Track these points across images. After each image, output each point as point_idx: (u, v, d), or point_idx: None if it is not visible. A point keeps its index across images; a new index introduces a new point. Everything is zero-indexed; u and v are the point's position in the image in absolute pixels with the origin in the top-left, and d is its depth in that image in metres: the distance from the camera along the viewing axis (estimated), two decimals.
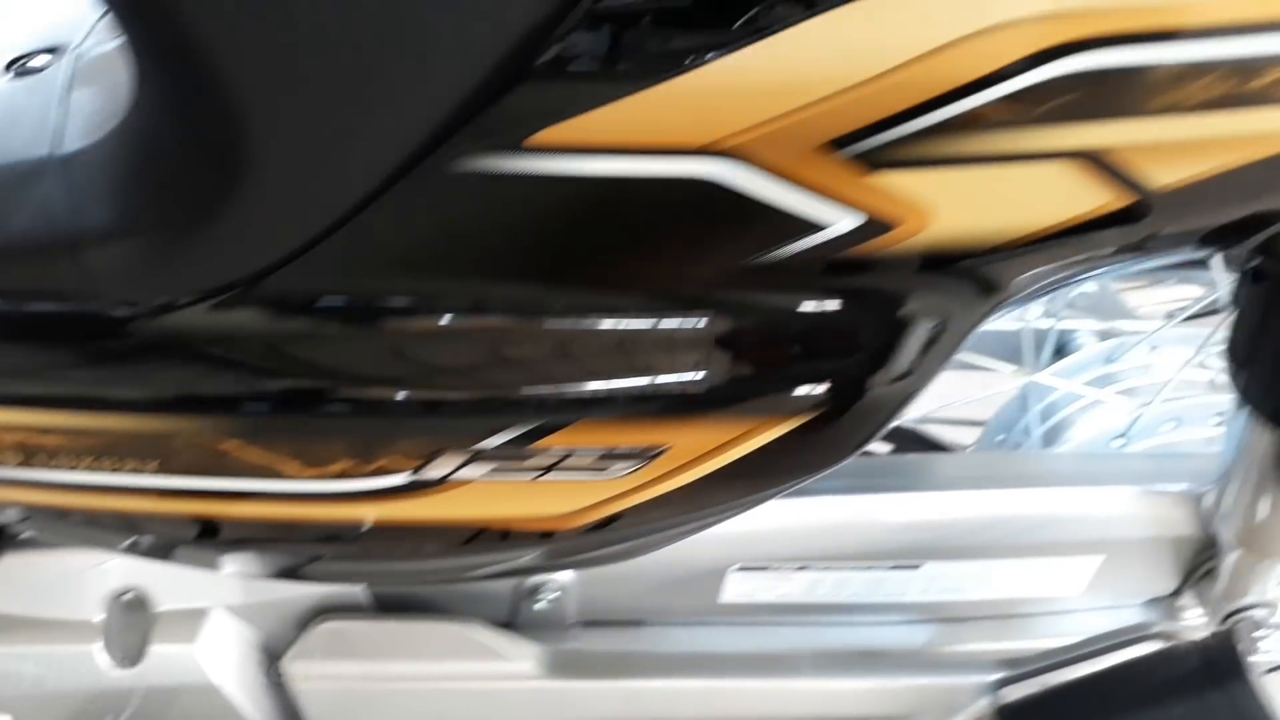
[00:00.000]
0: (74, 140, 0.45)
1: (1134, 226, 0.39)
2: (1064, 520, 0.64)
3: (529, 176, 0.37)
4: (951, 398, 0.81)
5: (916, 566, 0.65)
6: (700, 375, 0.43)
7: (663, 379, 0.43)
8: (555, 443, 0.44)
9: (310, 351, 0.42)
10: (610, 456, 0.45)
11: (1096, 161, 0.36)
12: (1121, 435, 0.76)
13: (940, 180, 0.37)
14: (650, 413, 0.43)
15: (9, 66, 0.50)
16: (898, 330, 0.43)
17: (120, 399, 0.44)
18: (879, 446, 0.85)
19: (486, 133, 0.36)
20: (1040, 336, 0.83)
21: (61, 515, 0.51)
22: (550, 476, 0.46)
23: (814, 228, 0.38)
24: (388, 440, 0.44)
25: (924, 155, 0.36)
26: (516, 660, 0.61)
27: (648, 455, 0.45)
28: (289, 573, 0.55)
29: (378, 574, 0.57)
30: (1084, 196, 0.37)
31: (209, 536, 0.50)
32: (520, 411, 0.43)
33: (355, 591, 0.62)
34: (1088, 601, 0.70)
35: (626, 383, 0.43)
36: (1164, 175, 0.37)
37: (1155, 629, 0.65)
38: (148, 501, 0.48)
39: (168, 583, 0.61)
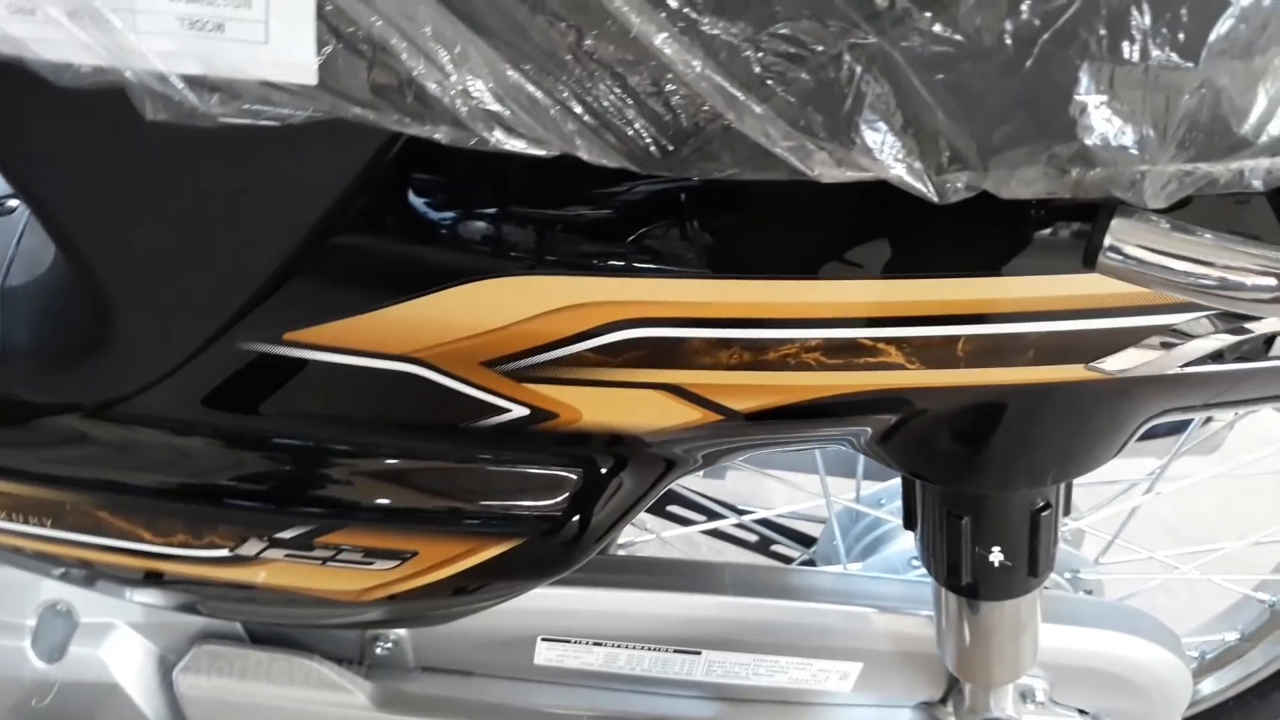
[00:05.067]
0: (16, 276, 0.61)
1: (741, 427, 0.53)
2: (821, 630, 0.77)
3: (287, 356, 0.52)
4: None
5: (697, 653, 0.78)
6: (432, 503, 0.57)
7: (401, 504, 0.57)
8: (329, 540, 0.58)
9: (145, 455, 0.57)
10: (372, 554, 0.59)
11: (679, 391, 0.50)
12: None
13: (572, 392, 0.51)
14: (396, 526, 0.58)
15: None
16: (591, 482, 0.57)
17: (22, 471, 0.60)
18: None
19: (258, 326, 0.51)
20: None
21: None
22: (333, 564, 0.60)
23: (498, 410, 0.53)
24: (208, 524, 0.59)
25: (552, 376, 0.50)
26: (352, 693, 0.76)
27: (402, 556, 0.59)
28: (173, 606, 0.71)
29: (238, 614, 0.73)
30: (680, 412, 0.51)
31: (99, 577, 0.66)
32: (299, 516, 0.58)
33: (234, 624, 0.78)
34: (858, 699, 0.83)
35: (374, 503, 0.57)
36: (740, 404, 0.51)
37: None
38: (50, 547, 0.64)
39: (89, 599, 0.77)
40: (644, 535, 0.96)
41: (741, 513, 0.98)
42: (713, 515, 0.98)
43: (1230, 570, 1.03)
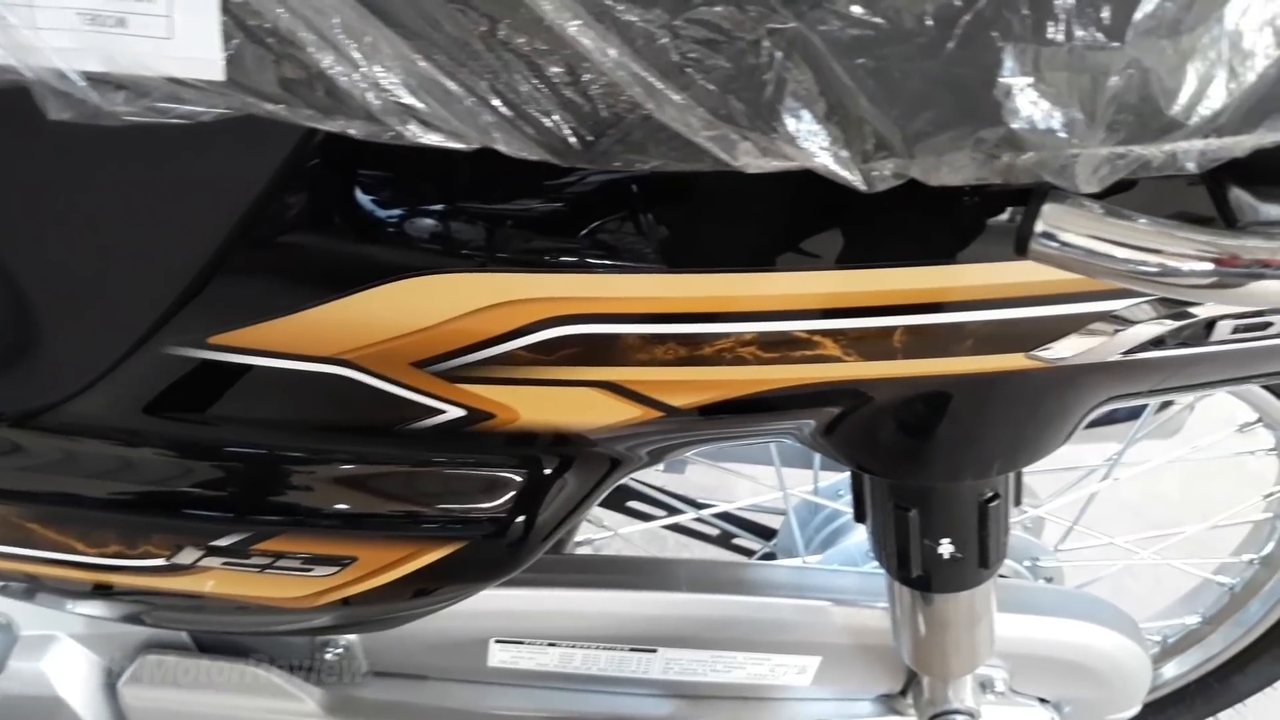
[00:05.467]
0: None
1: (682, 423, 0.51)
2: (777, 625, 0.76)
3: (214, 360, 0.50)
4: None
5: (653, 651, 0.77)
6: (370, 507, 0.56)
7: (338, 509, 0.56)
8: (267, 547, 0.57)
9: (74, 465, 0.55)
10: (311, 560, 0.58)
11: (616, 388, 0.49)
12: None
13: (507, 391, 0.50)
14: (333, 532, 0.56)
15: None
16: (535, 482, 0.56)
17: None
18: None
19: (182, 330, 0.50)
20: None
21: None
22: (272, 571, 0.59)
23: (432, 411, 0.51)
24: (142, 534, 0.57)
25: (485, 376, 0.49)
26: (301, 700, 0.75)
27: (341, 563, 0.58)
28: (118, 617, 0.69)
29: (185, 623, 0.71)
30: (619, 410, 0.50)
31: (38, 589, 0.64)
32: (236, 523, 0.56)
33: (180, 633, 0.76)
34: (817, 693, 0.82)
35: (310, 508, 0.56)
36: (679, 399, 0.50)
37: None
38: None
39: (30, 611, 0.75)
40: (602, 532, 0.95)
41: (700, 507, 0.97)
42: (671, 510, 0.97)
43: (1191, 554, 1.03)
